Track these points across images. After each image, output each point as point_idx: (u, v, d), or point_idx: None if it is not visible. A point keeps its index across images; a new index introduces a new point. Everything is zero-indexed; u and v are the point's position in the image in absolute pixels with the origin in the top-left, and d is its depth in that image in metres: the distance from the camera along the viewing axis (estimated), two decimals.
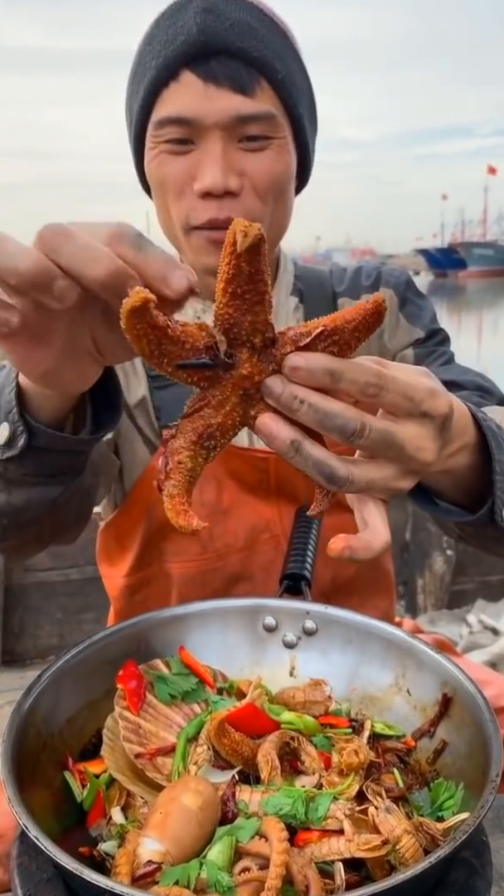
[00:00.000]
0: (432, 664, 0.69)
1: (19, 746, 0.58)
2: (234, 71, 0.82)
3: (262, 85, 0.83)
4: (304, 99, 0.89)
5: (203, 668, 0.71)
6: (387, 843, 0.53)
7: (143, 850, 0.52)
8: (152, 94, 0.84)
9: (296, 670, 0.77)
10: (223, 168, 0.82)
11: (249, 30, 0.83)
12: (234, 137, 0.83)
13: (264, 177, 0.85)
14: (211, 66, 0.81)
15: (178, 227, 0.88)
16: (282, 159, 0.87)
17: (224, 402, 0.49)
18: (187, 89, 0.82)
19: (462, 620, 2.61)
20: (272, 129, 0.84)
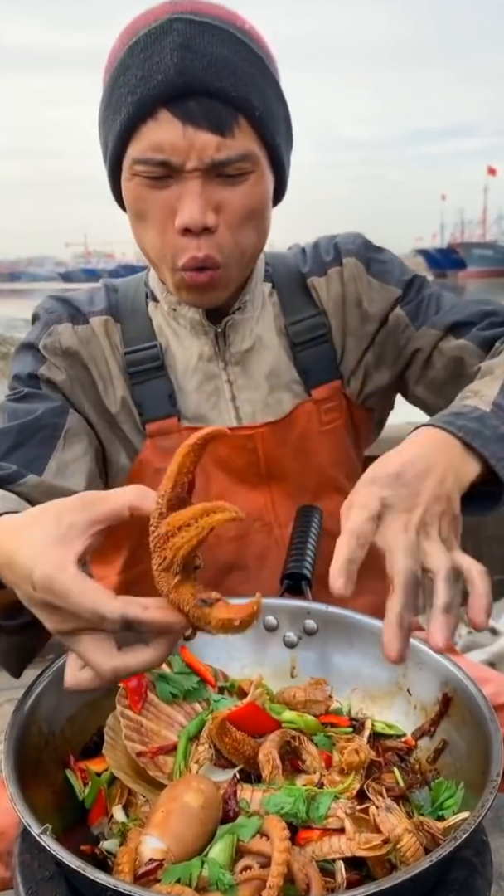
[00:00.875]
0: (432, 664, 0.69)
1: (21, 745, 0.59)
2: (213, 111, 0.81)
3: (240, 124, 0.83)
4: (280, 127, 0.90)
5: (204, 667, 0.72)
6: (387, 843, 0.53)
7: (145, 848, 0.52)
8: (129, 130, 0.84)
9: (296, 670, 0.77)
10: (202, 206, 0.84)
11: (227, 66, 0.82)
12: (213, 174, 0.84)
13: (240, 209, 0.87)
14: (189, 107, 0.81)
15: (162, 262, 0.90)
16: (258, 189, 0.88)
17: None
18: (165, 129, 0.82)
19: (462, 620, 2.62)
20: (250, 165, 0.85)
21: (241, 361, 0.98)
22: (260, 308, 1.00)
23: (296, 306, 1.01)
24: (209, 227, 0.85)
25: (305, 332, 1.00)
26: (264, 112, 0.85)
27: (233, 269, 0.90)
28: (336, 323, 1.01)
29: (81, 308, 0.99)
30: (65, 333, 0.96)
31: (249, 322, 0.98)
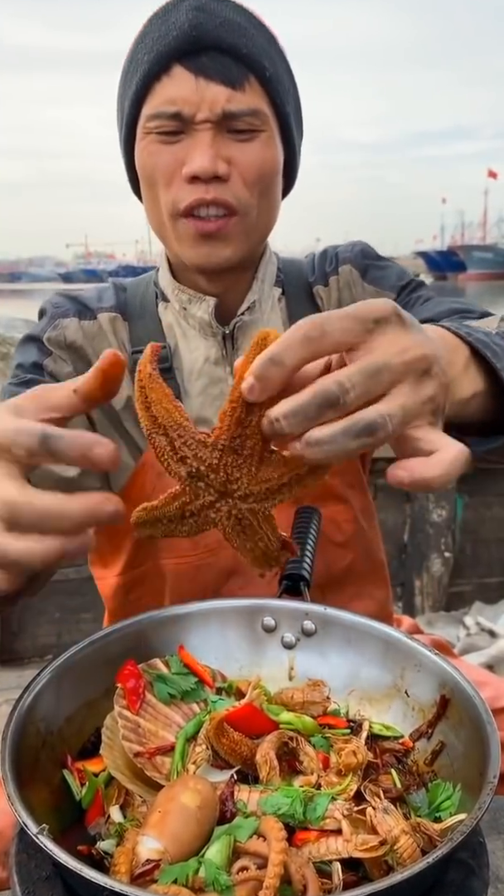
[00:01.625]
0: (431, 666, 0.69)
1: (19, 744, 0.59)
2: (225, 66, 0.84)
3: (250, 81, 0.86)
4: (290, 100, 0.92)
5: (202, 668, 0.72)
6: (384, 844, 0.53)
7: (142, 848, 0.52)
8: (144, 88, 0.87)
9: (294, 671, 0.77)
10: (212, 154, 0.85)
11: (239, 28, 0.86)
12: (223, 129, 0.86)
13: (252, 165, 0.88)
14: (202, 61, 0.84)
15: (165, 214, 0.90)
16: (269, 151, 0.89)
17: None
18: (179, 83, 0.84)
19: (459, 622, 2.62)
20: (259, 122, 0.87)
21: None
22: (269, 311, 1.01)
23: (302, 316, 1.01)
24: (220, 176, 0.86)
25: None
26: (274, 75, 0.88)
27: (246, 225, 0.90)
28: None
29: (90, 304, 1.00)
30: (70, 327, 0.97)
31: (258, 325, 0.99)
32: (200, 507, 0.53)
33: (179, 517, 0.54)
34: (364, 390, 0.46)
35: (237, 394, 0.48)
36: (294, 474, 0.51)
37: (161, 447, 0.51)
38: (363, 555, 1.05)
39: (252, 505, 0.52)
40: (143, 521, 0.55)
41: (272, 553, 0.57)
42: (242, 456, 0.50)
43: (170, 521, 0.54)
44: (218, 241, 0.89)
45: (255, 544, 0.56)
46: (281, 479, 0.51)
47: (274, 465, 0.50)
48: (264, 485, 0.51)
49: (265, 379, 0.46)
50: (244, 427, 0.49)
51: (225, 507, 0.53)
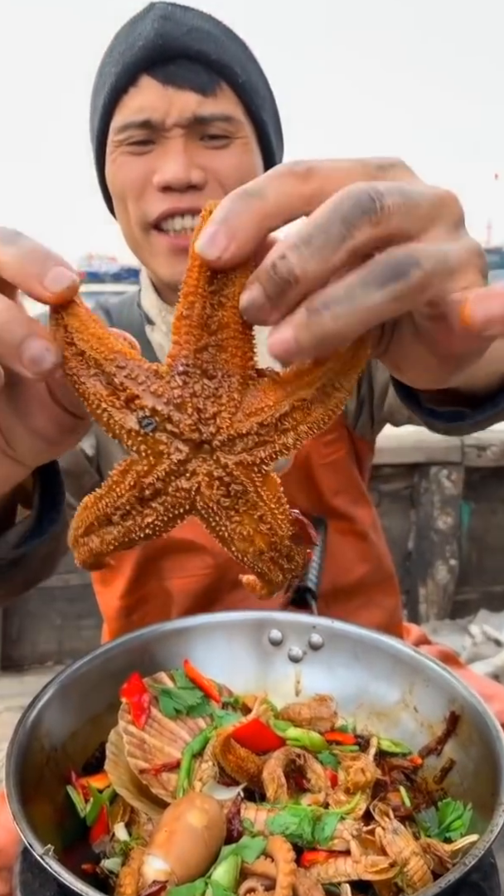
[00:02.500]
0: (440, 681, 0.69)
1: (24, 760, 0.58)
2: (194, 73, 0.80)
3: (222, 87, 0.81)
4: (267, 106, 0.87)
5: (208, 683, 0.71)
6: (394, 866, 0.52)
7: (148, 868, 0.51)
8: (112, 102, 0.83)
9: (301, 685, 0.77)
10: (184, 162, 0.80)
11: (208, 35, 0.82)
12: (196, 136, 0.81)
13: (230, 171, 0.82)
14: (170, 70, 0.80)
15: (136, 228, 0.85)
16: (246, 158, 0.84)
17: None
18: (147, 92, 0.81)
19: (464, 631, 2.60)
20: (233, 128, 0.83)
21: None
22: (259, 331, 0.99)
23: None
24: (195, 184, 0.81)
25: None
26: (247, 82, 0.83)
27: None
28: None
29: None
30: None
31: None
32: (167, 475, 0.36)
33: (137, 502, 0.37)
34: (402, 201, 0.32)
35: (194, 280, 0.34)
36: (296, 399, 0.35)
37: (96, 394, 0.36)
38: (372, 567, 1.04)
39: (242, 456, 0.36)
40: (86, 528, 0.38)
41: (280, 545, 0.39)
42: (216, 378, 0.35)
43: (125, 516, 0.37)
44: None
45: (255, 530, 0.38)
46: (278, 408, 0.35)
47: (264, 389, 0.36)
48: (254, 419, 0.36)
49: (236, 219, 0.32)
50: (212, 331, 0.35)
51: (203, 466, 0.36)
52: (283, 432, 0.36)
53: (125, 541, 0.38)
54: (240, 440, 0.36)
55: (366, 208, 0.31)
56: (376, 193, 0.31)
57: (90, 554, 0.39)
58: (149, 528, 0.38)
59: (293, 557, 0.40)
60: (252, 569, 0.40)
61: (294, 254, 0.31)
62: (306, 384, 0.35)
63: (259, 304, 0.32)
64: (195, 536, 0.94)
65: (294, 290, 0.31)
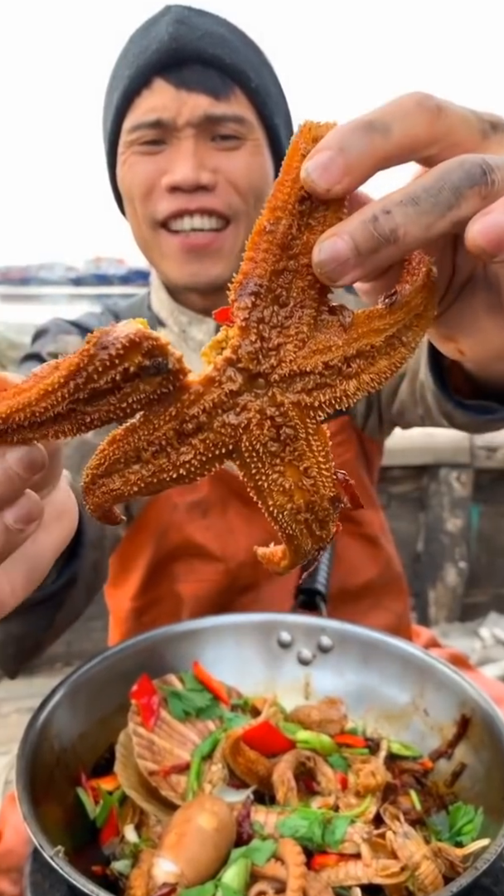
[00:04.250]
0: (450, 684, 0.68)
1: (34, 762, 0.58)
2: (207, 77, 0.81)
3: (234, 91, 0.82)
4: (279, 111, 0.88)
5: (217, 685, 0.71)
6: (405, 870, 0.52)
7: (158, 870, 0.51)
8: (125, 103, 0.84)
9: (310, 688, 0.76)
10: (194, 163, 0.80)
11: (222, 39, 0.82)
12: (207, 136, 0.82)
13: (241, 172, 0.82)
14: (183, 73, 0.80)
15: (145, 227, 0.85)
16: (257, 160, 0.84)
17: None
18: (160, 94, 0.81)
19: (474, 634, 2.59)
20: (245, 130, 0.83)
21: None
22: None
23: None
24: (205, 185, 0.81)
25: None
26: (260, 86, 0.84)
27: (238, 237, 0.85)
28: None
29: (91, 328, 0.98)
30: (72, 343, 0.94)
31: None
32: (214, 407, 0.32)
33: (175, 436, 0.32)
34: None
35: (285, 195, 0.31)
36: (365, 344, 0.33)
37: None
38: (380, 570, 1.04)
39: (300, 396, 0.33)
40: (108, 466, 0.33)
41: (319, 506, 0.35)
42: (287, 307, 0.32)
43: (157, 452, 0.32)
44: (206, 258, 0.84)
45: (297, 484, 0.34)
46: (347, 350, 0.32)
47: (336, 328, 0.33)
48: (320, 357, 0.32)
49: (355, 152, 0.29)
50: (293, 254, 0.31)
51: (256, 402, 0.32)
52: (347, 378, 0.33)
53: (152, 482, 0.33)
54: (300, 378, 0.32)
55: (477, 180, 0.29)
56: (487, 167, 0.30)
57: (108, 497, 0.33)
58: (183, 468, 0.33)
59: (327, 524, 0.36)
60: (282, 530, 0.36)
61: (400, 211, 0.29)
62: (376, 331, 0.33)
63: (343, 257, 0.29)
64: (206, 542, 0.94)
65: (387, 250, 0.29)
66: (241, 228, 0.85)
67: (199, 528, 0.94)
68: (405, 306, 0.33)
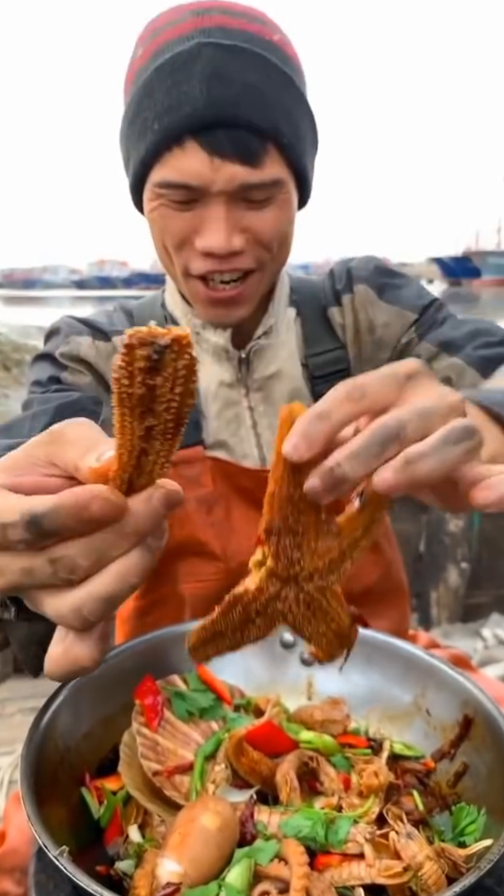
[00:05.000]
0: (453, 684, 0.68)
1: (38, 762, 0.58)
2: (242, 141, 0.79)
3: (268, 151, 0.81)
4: (308, 147, 0.87)
5: (221, 685, 0.71)
6: (408, 870, 0.52)
7: (162, 870, 0.51)
8: (154, 156, 0.82)
9: (313, 688, 0.77)
10: (227, 231, 0.81)
11: (257, 95, 0.79)
12: (239, 198, 0.82)
13: (269, 230, 0.84)
14: (217, 138, 0.79)
15: (178, 271, 0.88)
16: (285, 213, 0.86)
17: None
18: (192, 158, 0.80)
19: (476, 634, 2.59)
20: (277, 190, 0.83)
21: (262, 388, 0.96)
22: (284, 333, 0.98)
23: (317, 338, 0.99)
24: (236, 252, 0.83)
25: (325, 365, 0.98)
26: (293, 138, 0.83)
27: (263, 279, 0.88)
28: (353, 352, 0.99)
29: (103, 328, 0.97)
30: (84, 344, 0.95)
31: (275, 348, 0.97)
32: (266, 602, 0.48)
33: (243, 621, 0.49)
34: (420, 425, 0.43)
35: (280, 471, 0.44)
36: (352, 539, 0.47)
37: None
38: (382, 575, 1.04)
39: (319, 583, 0.48)
40: (202, 642, 0.50)
41: (344, 631, 0.52)
42: (298, 535, 0.46)
43: (234, 631, 0.50)
44: (232, 306, 0.87)
45: (327, 626, 0.51)
46: (341, 547, 0.47)
47: (332, 535, 0.47)
48: (326, 557, 0.47)
49: (311, 434, 0.43)
50: (294, 503, 0.45)
51: (292, 593, 0.48)
52: (344, 561, 0.48)
53: (234, 646, 0.51)
54: (316, 573, 0.48)
55: (394, 437, 0.43)
56: (401, 423, 0.43)
57: (205, 658, 0.52)
58: (253, 637, 0.51)
59: (349, 636, 0.54)
60: (320, 646, 0.54)
61: (347, 463, 0.42)
62: (357, 526, 0.47)
63: (316, 491, 0.43)
64: (208, 539, 0.95)
65: (344, 486, 0.43)
66: (266, 274, 0.88)
67: (204, 525, 0.95)
68: (371, 503, 0.46)
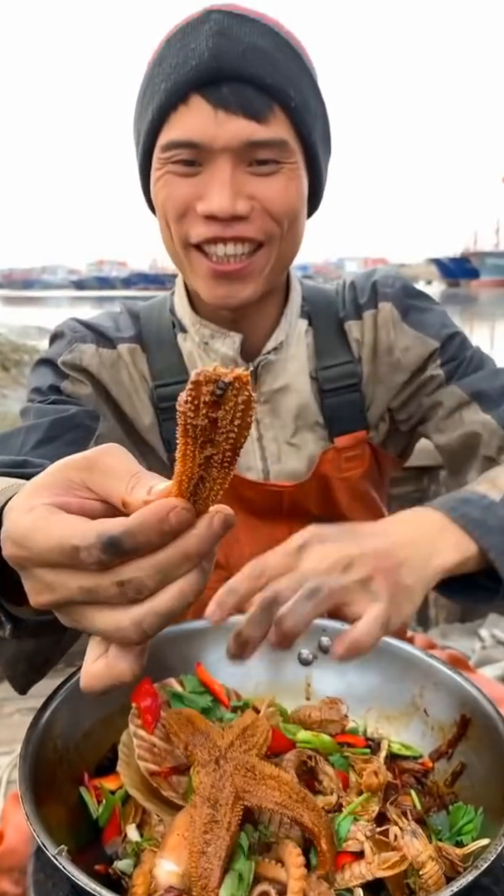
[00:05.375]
0: (450, 684, 0.69)
1: (37, 761, 0.58)
2: (247, 97, 0.78)
3: (275, 112, 0.80)
4: (318, 125, 0.86)
5: (218, 687, 0.71)
6: (405, 860, 0.52)
7: (160, 871, 0.52)
8: (160, 117, 0.82)
9: (311, 688, 0.77)
10: (231, 192, 0.79)
11: (264, 55, 0.79)
12: (244, 161, 0.81)
13: (276, 201, 0.82)
14: (222, 92, 0.78)
15: (177, 245, 0.85)
16: (293, 185, 0.83)
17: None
18: (197, 114, 0.79)
19: (474, 634, 2.59)
20: (284, 154, 0.82)
21: (269, 400, 0.95)
22: (294, 346, 0.96)
23: (330, 351, 0.97)
24: (241, 215, 0.80)
25: (337, 379, 0.96)
26: (300, 104, 0.82)
27: (269, 259, 0.85)
28: (368, 370, 0.97)
29: (107, 333, 0.95)
30: (87, 353, 0.93)
31: (284, 363, 0.95)
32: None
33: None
34: (293, 588, 0.57)
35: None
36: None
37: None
38: None
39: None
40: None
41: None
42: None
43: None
44: (237, 282, 0.84)
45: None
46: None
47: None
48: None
49: (224, 604, 0.60)
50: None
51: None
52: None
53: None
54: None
55: (272, 602, 0.57)
56: (276, 591, 0.58)
57: None
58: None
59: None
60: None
61: (248, 629, 0.58)
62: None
63: (214, 619, 0.61)
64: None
65: (249, 647, 0.59)
66: (273, 250, 0.85)
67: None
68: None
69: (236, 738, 0.59)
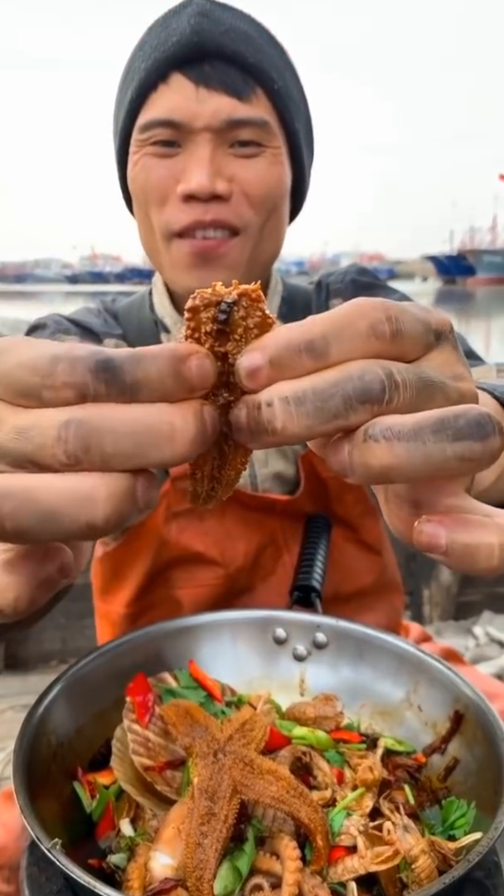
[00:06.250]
0: (444, 680, 0.69)
1: (31, 756, 0.58)
2: (228, 75, 0.76)
3: (256, 92, 0.78)
4: (300, 115, 0.85)
5: (212, 683, 0.71)
6: (398, 854, 0.53)
7: (155, 864, 0.52)
8: (139, 98, 0.79)
9: (306, 684, 0.77)
10: (210, 171, 0.76)
11: (246, 37, 0.78)
12: (225, 142, 0.78)
13: (257, 184, 0.79)
14: (203, 69, 0.76)
15: (158, 236, 0.83)
16: (275, 169, 0.81)
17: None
18: (176, 91, 0.77)
19: (468, 632, 2.60)
20: (266, 136, 0.79)
21: None
22: None
23: None
24: (220, 195, 0.78)
25: None
26: (282, 88, 0.80)
27: (247, 248, 0.82)
28: None
29: (93, 328, 0.94)
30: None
31: None
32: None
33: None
34: (415, 394, 0.30)
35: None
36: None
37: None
38: (376, 577, 1.04)
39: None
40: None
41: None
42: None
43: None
44: (215, 264, 0.81)
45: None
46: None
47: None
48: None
49: (287, 369, 0.29)
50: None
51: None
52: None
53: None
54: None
55: (372, 397, 0.28)
56: (390, 383, 0.29)
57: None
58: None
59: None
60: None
61: (281, 408, 0.28)
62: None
63: (240, 426, 0.30)
64: (206, 549, 0.94)
65: (269, 438, 0.29)
66: (249, 241, 0.82)
67: (198, 535, 0.93)
68: None
69: (235, 732, 0.58)
